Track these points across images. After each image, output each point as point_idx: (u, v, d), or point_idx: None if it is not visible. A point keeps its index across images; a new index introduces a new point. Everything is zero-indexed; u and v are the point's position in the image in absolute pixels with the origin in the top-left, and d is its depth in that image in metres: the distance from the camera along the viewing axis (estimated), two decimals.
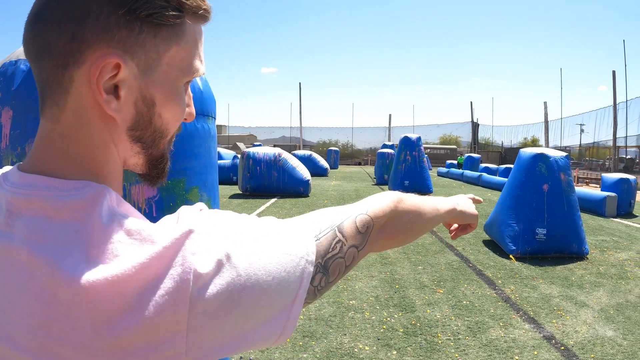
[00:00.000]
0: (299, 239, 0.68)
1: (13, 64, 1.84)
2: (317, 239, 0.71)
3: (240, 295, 0.58)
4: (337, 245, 0.74)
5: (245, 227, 0.64)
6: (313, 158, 29.89)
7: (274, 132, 72.50)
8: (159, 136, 0.69)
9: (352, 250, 0.77)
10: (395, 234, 0.89)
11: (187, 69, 0.67)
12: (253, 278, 0.59)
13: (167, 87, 0.66)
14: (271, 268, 0.61)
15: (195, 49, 0.68)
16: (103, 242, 0.55)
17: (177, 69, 0.66)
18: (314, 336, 4.38)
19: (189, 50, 0.67)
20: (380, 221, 0.84)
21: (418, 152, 17.84)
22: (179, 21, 0.64)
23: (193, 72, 0.68)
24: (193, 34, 0.67)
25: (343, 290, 5.69)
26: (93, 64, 0.59)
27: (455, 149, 56.50)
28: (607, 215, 12.63)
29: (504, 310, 5.17)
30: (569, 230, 7.52)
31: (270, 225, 0.68)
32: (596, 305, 5.37)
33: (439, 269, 6.80)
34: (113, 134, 0.65)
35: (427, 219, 0.98)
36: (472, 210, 1.20)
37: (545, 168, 7.63)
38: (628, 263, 7.36)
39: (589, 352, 4.17)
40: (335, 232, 0.74)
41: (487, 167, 27.62)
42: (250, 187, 16.31)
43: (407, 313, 5.02)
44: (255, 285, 0.59)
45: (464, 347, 4.22)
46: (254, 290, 0.59)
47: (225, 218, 0.65)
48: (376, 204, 0.85)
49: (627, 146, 33.31)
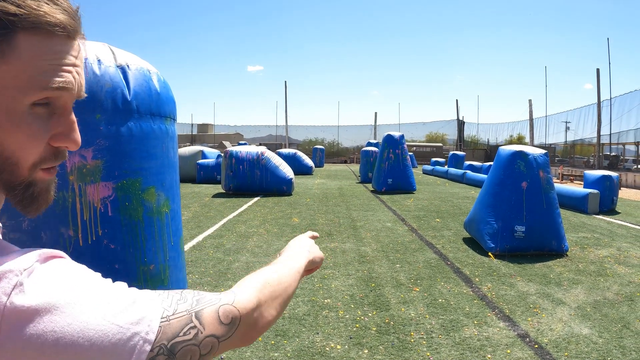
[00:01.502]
0: (140, 314, 0.64)
1: None
2: (167, 319, 0.68)
3: (54, 353, 0.56)
4: (190, 331, 0.70)
5: (89, 287, 0.63)
6: (298, 156, 29.81)
7: (260, 131, 72.28)
8: (6, 162, 0.63)
9: (211, 340, 0.73)
10: (270, 319, 0.88)
11: (27, 86, 0.62)
12: (68, 339, 0.57)
13: (5, 110, 0.61)
14: (92, 335, 0.59)
15: (39, 65, 0.62)
16: None
17: (13, 89, 0.61)
18: (286, 335, 4.35)
19: (25, 66, 0.61)
20: (251, 316, 0.81)
21: (401, 150, 17.84)
22: (1, 36, 0.59)
23: (37, 89, 0.62)
24: (32, 50, 0.61)
25: (318, 289, 5.67)
26: None
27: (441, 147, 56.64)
28: (589, 212, 12.72)
29: (480, 308, 5.16)
30: (548, 227, 7.55)
31: (117, 295, 0.65)
32: (573, 303, 5.38)
33: (417, 267, 6.79)
34: None
35: (293, 289, 0.98)
36: (320, 254, 1.25)
37: (524, 165, 7.65)
38: (608, 260, 7.40)
39: (563, 350, 4.16)
40: (190, 317, 0.71)
41: (472, 165, 27.72)
42: (233, 186, 16.23)
43: (382, 312, 5.00)
44: (69, 346, 0.57)
45: (436, 345, 4.21)
46: (67, 352, 0.57)
47: (75, 272, 0.64)
48: (245, 294, 0.82)
49: (612, 143, 33.60)
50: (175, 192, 2.40)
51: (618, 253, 7.90)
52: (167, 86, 2.32)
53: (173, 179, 2.37)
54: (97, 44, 2.09)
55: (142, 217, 2.09)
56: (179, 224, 2.47)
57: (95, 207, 1.96)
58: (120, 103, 1.99)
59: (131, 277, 2.05)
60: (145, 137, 2.10)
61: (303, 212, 12.25)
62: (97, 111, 1.93)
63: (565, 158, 41.50)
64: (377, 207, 13.49)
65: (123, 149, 2.01)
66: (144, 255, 2.11)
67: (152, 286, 2.13)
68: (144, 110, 2.09)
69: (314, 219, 11.02)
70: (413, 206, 13.76)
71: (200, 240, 8.41)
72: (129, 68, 2.07)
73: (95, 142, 1.93)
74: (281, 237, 8.79)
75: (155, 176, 2.17)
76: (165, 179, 2.25)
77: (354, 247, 8.05)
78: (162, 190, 2.21)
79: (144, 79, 2.11)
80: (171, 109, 2.34)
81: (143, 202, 2.10)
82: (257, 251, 7.64)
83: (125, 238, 2.04)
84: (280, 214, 11.87)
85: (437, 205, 13.97)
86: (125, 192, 2.03)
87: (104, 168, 1.96)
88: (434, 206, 13.83)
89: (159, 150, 2.20)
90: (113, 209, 1.99)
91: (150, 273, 2.14)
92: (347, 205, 13.64)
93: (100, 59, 2.00)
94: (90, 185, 1.94)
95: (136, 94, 2.05)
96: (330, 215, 11.74)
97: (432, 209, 13.23)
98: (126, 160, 2.03)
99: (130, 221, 2.05)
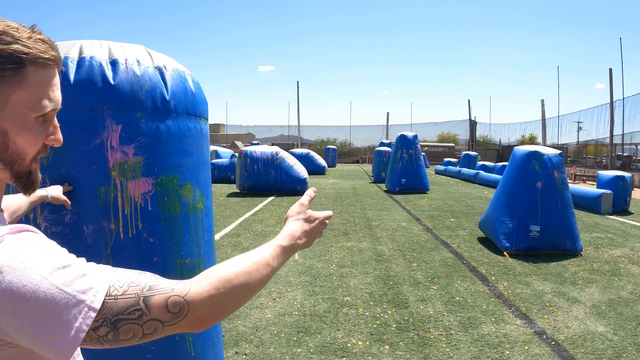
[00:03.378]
0: (88, 284, 0.79)
1: None
2: (115, 298, 0.81)
3: (4, 306, 0.72)
4: (135, 312, 0.82)
5: (48, 256, 0.78)
6: (311, 156, 29.87)
7: (272, 131, 72.43)
8: (17, 157, 0.87)
9: (155, 323, 0.84)
10: (222, 312, 0.94)
11: (34, 106, 0.86)
12: (21, 296, 0.73)
13: (17, 121, 0.85)
14: (42, 297, 0.74)
15: (41, 90, 0.86)
16: None
17: (25, 107, 0.85)
18: (308, 331, 4.43)
19: (33, 92, 0.85)
20: (201, 308, 0.89)
21: (414, 150, 17.86)
22: (18, 71, 0.83)
23: (41, 109, 0.87)
24: (37, 79, 0.85)
25: (338, 287, 5.75)
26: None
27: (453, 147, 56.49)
28: (602, 212, 12.68)
29: (497, 306, 5.22)
30: (563, 227, 7.57)
31: (73, 266, 0.80)
32: (588, 302, 5.42)
33: (434, 266, 6.85)
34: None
35: (257, 281, 1.02)
36: (309, 232, 1.29)
37: (539, 166, 7.68)
38: (622, 260, 7.41)
39: (579, 347, 4.22)
40: (138, 300, 0.83)
41: (484, 165, 27.65)
42: (248, 185, 16.33)
43: (401, 309, 5.07)
44: (20, 302, 0.73)
45: (455, 342, 4.27)
46: (18, 308, 0.73)
47: (40, 243, 0.81)
48: (199, 287, 0.91)
49: (624, 143, 33.35)
50: (208, 189, 2.49)
51: (632, 253, 7.91)
52: (200, 87, 2.41)
53: (207, 176, 2.46)
54: (135, 46, 2.18)
55: (179, 212, 2.18)
56: (212, 221, 2.55)
57: (136, 201, 2.05)
58: (160, 102, 2.08)
59: (168, 270, 2.14)
60: (182, 136, 2.19)
61: (318, 211, 12.29)
62: (137, 109, 2.01)
63: (577, 158, 41.24)
64: (392, 206, 13.54)
65: (162, 146, 2.10)
66: (180, 249, 2.19)
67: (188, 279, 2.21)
68: (181, 109, 2.17)
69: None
70: (427, 206, 13.79)
71: (217, 239, 8.50)
72: (166, 69, 2.16)
73: (136, 140, 2.02)
74: None
75: (191, 173, 2.25)
76: (200, 176, 2.34)
77: (370, 246, 8.12)
78: (197, 187, 2.30)
79: (180, 79, 2.20)
80: (204, 109, 2.43)
81: (180, 198, 2.18)
82: None
83: (164, 232, 2.13)
84: None
85: (451, 205, 13.99)
86: (164, 187, 2.11)
87: (144, 164, 2.04)
88: (447, 206, 13.85)
89: (195, 148, 2.29)
90: (153, 204, 2.08)
91: (187, 267, 2.22)
92: (361, 205, 13.70)
93: (139, 60, 2.08)
94: (132, 181, 2.03)
95: (174, 94, 2.13)
96: (345, 214, 11.81)
97: (446, 208, 13.26)
98: (165, 157, 2.11)
99: (168, 216, 2.14)
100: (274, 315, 4.82)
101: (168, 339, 2.11)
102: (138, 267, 1.99)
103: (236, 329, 4.46)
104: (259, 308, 5.02)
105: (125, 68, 2.02)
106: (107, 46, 2.08)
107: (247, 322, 4.65)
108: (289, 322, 4.65)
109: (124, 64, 2.02)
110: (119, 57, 2.03)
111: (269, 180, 16.31)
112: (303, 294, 5.50)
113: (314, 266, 6.70)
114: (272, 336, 4.32)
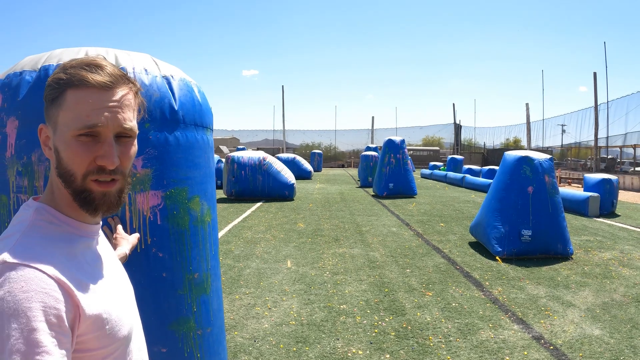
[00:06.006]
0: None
1: (18, 75, 1.86)
2: None
3: None
4: None
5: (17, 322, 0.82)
6: (297, 161, 29.87)
7: (257, 135, 72.31)
8: (68, 174, 0.98)
9: None
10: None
11: (73, 125, 0.96)
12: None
13: (62, 140, 0.98)
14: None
15: (77, 110, 0.96)
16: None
17: (65, 127, 0.97)
18: (307, 341, 4.39)
19: (70, 112, 0.96)
20: None
21: (402, 155, 17.91)
22: (58, 94, 0.98)
23: (79, 128, 0.96)
24: (74, 99, 0.97)
25: (333, 295, 5.71)
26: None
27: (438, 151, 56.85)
28: (590, 215, 12.82)
29: (493, 311, 5.22)
30: (554, 231, 7.63)
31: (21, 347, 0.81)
32: (582, 305, 5.45)
33: (427, 272, 6.84)
34: (53, 171, 1.03)
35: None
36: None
37: (529, 170, 7.73)
38: (612, 262, 7.47)
39: (578, 350, 4.23)
40: None
41: (471, 169, 27.81)
42: (235, 191, 16.27)
43: (398, 316, 5.05)
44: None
45: (455, 348, 4.26)
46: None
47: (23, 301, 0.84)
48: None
49: (609, 146, 33.76)
50: (214, 201, 2.44)
51: (621, 255, 7.98)
52: (205, 97, 2.36)
53: (213, 188, 2.41)
54: (141, 55, 2.12)
55: (188, 226, 2.12)
56: (217, 234, 2.50)
57: (145, 215, 1.99)
58: (168, 113, 2.02)
59: (177, 286, 2.08)
60: (190, 147, 2.14)
61: (307, 217, 12.29)
62: (146, 120, 1.96)
63: (561, 161, 41.70)
64: (380, 211, 13.55)
65: (171, 158, 2.04)
66: (189, 263, 2.13)
67: (196, 294, 2.16)
68: (188, 120, 2.13)
69: (319, 224, 11.07)
70: (416, 211, 13.82)
71: None
72: (173, 79, 2.10)
73: (145, 151, 1.96)
74: (289, 243, 8.82)
75: (199, 185, 2.20)
76: (207, 189, 2.29)
77: (362, 252, 8.09)
78: (205, 200, 2.25)
79: (187, 89, 2.15)
80: (210, 119, 2.39)
81: (189, 211, 2.13)
82: (266, 257, 7.68)
83: (173, 246, 2.07)
84: (284, 219, 11.90)
85: (440, 210, 14.03)
86: (173, 201, 2.06)
87: (153, 177, 1.99)
88: (436, 210, 13.89)
89: (203, 159, 2.24)
90: (162, 218, 2.02)
91: (195, 281, 2.17)
92: (350, 210, 13.69)
93: (146, 68, 2.03)
94: (140, 194, 1.97)
95: (182, 104, 2.08)
96: (334, 220, 11.79)
97: (435, 213, 13.29)
98: (174, 170, 2.06)
99: (177, 230, 2.08)
100: (271, 325, 4.77)
101: (176, 355, 2.06)
102: (147, 283, 1.96)
103: (234, 340, 4.41)
104: (255, 318, 4.97)
105: (133, 77, 1.97)
106: (114, 54, 2.02)
107: (244, 332, 4.59)
108: (286, 332, 4.60)
109: (132, 73, 1.96)
110: (127, 65, 1.97)
111: (257, 185, 16.27)
112: (299, 302, 5.46)
113: (308, 274, 6.66)
114: (271, 347, 4.27)
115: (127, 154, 1.03)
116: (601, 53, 43.75)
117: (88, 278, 0.98)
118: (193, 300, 2.15)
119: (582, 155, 40.91)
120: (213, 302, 2.32)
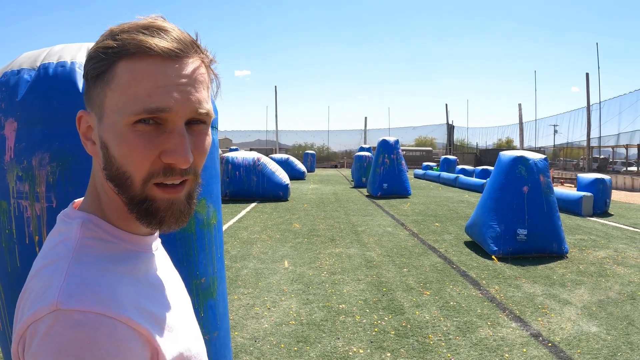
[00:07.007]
0: None
1: (15, 74, 1.76)
2: None
3: None
4: None
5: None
6: (290, 162, 29.86)
7: (250, 136, 72.24)
8: (123, 177, 0.72)
9: None
10: None
11: (128, 109, 0.68)
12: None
13: (112, 130, 0.70)
14: None
15: (133, 87, 0.68)
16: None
17: (116, 112, 0.70)
18: (307, 341, 4.42)
19: (122, 91, 0.69)
20: None
21: (396, 155, 17.97)
22: (105, 67, 0.70)
23: (137, 113, 0.68)
24: (130, 74, 0.68)
25: (332, 295, 5.75)
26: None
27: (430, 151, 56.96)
28: (583, 214, 12.91)
29: (491, 309, 5.27)
30: (549, 230, 7.70)
31: None
32: (579, 303, 5.51)
33: (424, 271, 6.89)
34: (98, 172, 0.77)
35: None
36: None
37: (525, 170, 7.80)
38: (606, 261, 7.55)
39: (575, 347, 4.29)
40: None
41: (464, 169, 27.92)
42: (229, 192, 16.27)
43: (397, 315, 5.09)
44: None
45: (455, 347, 4.30)
46: None
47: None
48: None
49: (601, 146, 34.01)
50: (219, 202, 2.42)
51: (616, 254, 8.06)
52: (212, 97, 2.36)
53: (218, 189, 2.39)
54: None
55: (194, 230, 2.11)
56: (222, 236, 2.49)
57: None
58: None
59: None
60: None
61: (302, 217, 12.31)
62: None
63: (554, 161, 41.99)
64: (375, 211, 13.59)
65: None
66: (196, 268, 2.11)
67: (203, 299, 2.14)
68: None
69: (314, 225, 11.10)
70: (410, 210, 13.87)
71: None
72: None
73: None
74: (285, 243, 8.85)
75: (205, 187, 2.17)
76: (213, 190, 2.27)
77: (359, 252, 8.13)
78: (211, 202, 2.23)
79: None
80: (216, 119, 2.40)
81: (195, 214, 2.11)
82: (263, 257, 7.70)
83: (180, 252, 2.04)
84: (280, 219, 11.93)
85: (434, 210, 14.09)
86: None
87: None
88: (430, 210, 13.95)
89: (209, 160, 2.22)
90: None
91: (202, 286, 2.15)
92: (345, 211, 13.72)
93: None
94: None
95: None
96: (330, 220, 11.82)
97: (430, 213, 13.35)
98: None
99: (184, 234, 2.05)
100: (271, 325, 4.80)
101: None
102: None
103: (234, 340, 4.43)
104: (255, 318, 5.00)
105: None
106: None
107: (244, 332, 4.62)
108: (287, 332, 4.63)
109: None
110: None
111: (251, 186, 16.27)
112: (298, 302, 5.49)
113: (305, 274, 6.69)
114: (272, 347, 4.29)
115: (201, 147, 0.75)
116: (594, 54, 44.02)
117: (160, 308, 0.75)
118: (200, 305, 2.13)
119: (574, 155, 41.21)
120: (219, 305, 2.30)
